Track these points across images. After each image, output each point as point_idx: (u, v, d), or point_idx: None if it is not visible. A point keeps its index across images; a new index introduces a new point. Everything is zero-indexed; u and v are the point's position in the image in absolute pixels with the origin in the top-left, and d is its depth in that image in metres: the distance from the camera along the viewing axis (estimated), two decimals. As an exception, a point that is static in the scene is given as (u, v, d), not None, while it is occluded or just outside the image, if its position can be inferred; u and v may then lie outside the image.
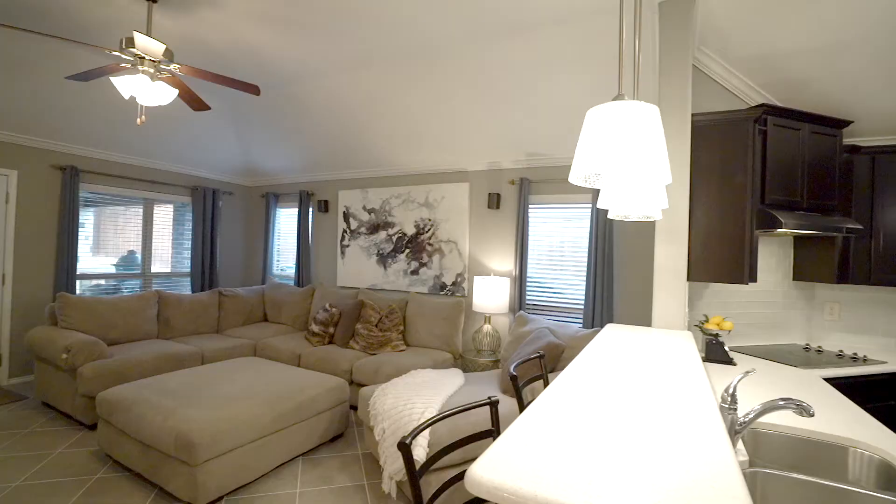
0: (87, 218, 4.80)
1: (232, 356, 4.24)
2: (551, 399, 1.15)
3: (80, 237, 4.60)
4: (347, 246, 5.31)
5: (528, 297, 4.21)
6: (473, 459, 2.29)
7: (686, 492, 0.71)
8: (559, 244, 4.15)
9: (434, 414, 2.37)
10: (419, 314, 4.27)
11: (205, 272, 5.66)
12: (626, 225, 3.76)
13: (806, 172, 2.56)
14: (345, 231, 5.33)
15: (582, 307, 3.97)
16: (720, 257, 2.37)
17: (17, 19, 3.14)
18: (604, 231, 3.71)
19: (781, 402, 1.22)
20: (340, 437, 3.23)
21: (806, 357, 2.54)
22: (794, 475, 1.21)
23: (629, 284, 3.77)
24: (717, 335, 2.44)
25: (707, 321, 2.53)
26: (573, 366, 1.48)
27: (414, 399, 2.48)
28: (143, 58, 2.70)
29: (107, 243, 5.00)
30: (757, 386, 1.96)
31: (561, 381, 1.29)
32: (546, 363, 1.97)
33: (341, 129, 4.70)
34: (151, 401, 2.59)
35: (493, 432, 1.33)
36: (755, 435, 1.54)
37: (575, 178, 1.15)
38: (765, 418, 1.52)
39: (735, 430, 1.27)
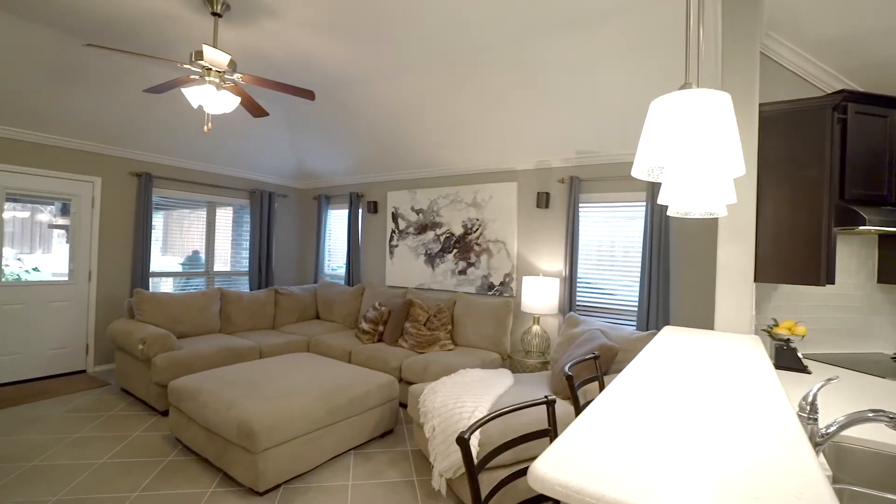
0: (157, 220, 5.18)
1: (287, 351, 4.43)
2: (613, 399, 1.11)
3: (152, 238, 4.98)
4: (396, 246, 5.40)
5: (578, 298, 4.10)
6: (525, 460, 2.27)
7: (769, 502, 0.66)
8: (610, 244, 4.02)
9: (485, 413, 2.36)
10: (467, 314, 4.27)
11: (261, 271, 5.96)
12: (684, 223, 3.59)
13: (894, 164, 2.33)
14: (393, 231, 5.43)
15: (635, 309, 3.82)
16: (792, 257, 2.20)
17: (102, 39, 3.45)
18: (659, 230, 3.56)
19: (871, 414, 1.11)
20: (390, 434, 3.29)
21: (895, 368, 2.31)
22: (891, 496, 1.10)
23: (687, 285, 3.59)
24: (788, 340, 2.27)
25: (776, 325, 2.36)
26: (633, 367, 1.43)
27: (464, 398, 2.48)
28: (210, 69, 2.88)
29: (174, 244, 5.38)
30: (837, 397, 1.80)
31: (621, 382, 1.25)
32: (601, 365, 1.91)
33: (390, 131, 4.80)
34: (216, 391, 2.75)
35: (550, 432, 1.30)
36: (837, 450, 1.42)
37: (638, 171, 1.11)
38: (849, 432, 1.40)
39: (816, 443, 1.18)
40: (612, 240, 4.01)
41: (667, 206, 3.47)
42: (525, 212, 4.45)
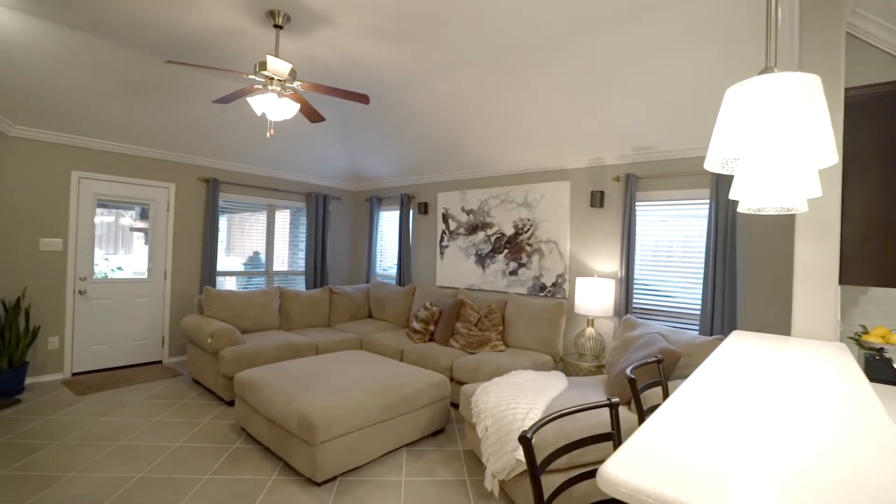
0: (222, 223, 5.53)
1: (341, 348, 4.57)
2: (684, 403, 1.05)
3: (218, 239, 5.31)
4: (446, 247, 5.44)
5: (635, 300, 3.94)
6: (580, 466, 2.20)
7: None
8: (668, 244, 3.83)
9: (539, 416, 2.32)
10: (518, 315, 4.22)
11: (316, 271, 6.19)
12: (753, 221, 3.35)
13: None
14: (444, 232, 5.47)
15: (697, 312, 3.61)
16: (886, 256, 1.99)
17: (176, 56, 3.73)
18: (725, 228, 3.34)
19: None
20: (441, 433, 3.31)
21: None
22: None
23: (756, 288, 3.35)
24: (881, 350, 2.05)
25: (866, 333, 2.15)
26: (703, 371, 1.35)
27: (517, 399, 2.45)
28: (273, 78, 3.03)
29: (236, 245, 5.72)
30: (942, 412, 1.61)
31: (691, 386, 1.18)
32: (664, 369, 1.82)
33: (440, 133, 4.84)
34: (277, 384, 2.89)
35: (612, 436, 1.26)
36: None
37: (711, 164, 1.05)
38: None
39: (921, 460, 1.05)
40: (670, 239, 3.82)
41: (737, 203, 3.27)
42: (578, 211, 4.33)
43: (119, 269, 4.76)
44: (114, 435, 3.06)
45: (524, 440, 0.98)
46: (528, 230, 4.63)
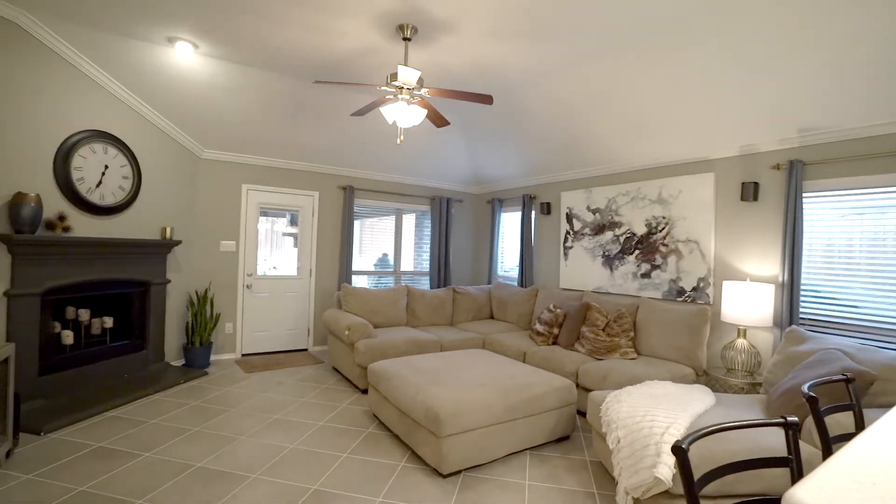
0: (356, 226, 6.06)
1: (464, 347, 4.67)
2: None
3: (353, 241, 5.84)
4: (570, 248, 5.22)
5: (802, 310, 3.32)
6: (733, 496, 1.91)
7: None
8: (848, 242, 3.16)
9: (682, 432, 2.08)
10: (652, 321, 3.85)
11: (440, 271, 6.44)
12: None
13: None
14: (567, 233, 5.27)
15: (894, 327, 2.91)
16: None
17: (320, 76, 4.20)
18: (940, 222, 2.63)
19: None
20: (566, 440, 3.17)
21: None
22: None
23: None
24: None
25: None
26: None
27: (655, 411, 2.23)
28: (402, 87, 3.23)
29: (367, 246, 6.23)
30: None
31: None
32: (857, 391, 1.48)
33: (564, 130, 4.67)
34: (406, 376, 3.05)
35: (789, 461, 1.06)
36: None
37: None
38: None
39: None
40: (851, 237, 3.15)
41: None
42: (725, 206, 3.81)
43: (274, 268, 5.52)
44: (272, 409, 3.54)
45: (679, 451, 0.87)
46: (664, 229, 4.21)
